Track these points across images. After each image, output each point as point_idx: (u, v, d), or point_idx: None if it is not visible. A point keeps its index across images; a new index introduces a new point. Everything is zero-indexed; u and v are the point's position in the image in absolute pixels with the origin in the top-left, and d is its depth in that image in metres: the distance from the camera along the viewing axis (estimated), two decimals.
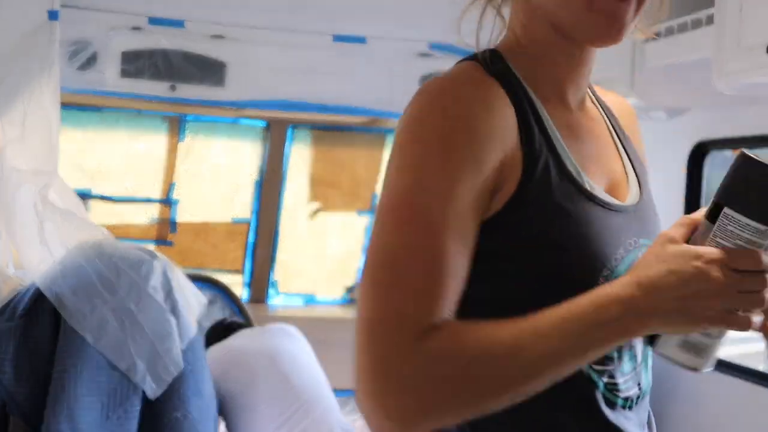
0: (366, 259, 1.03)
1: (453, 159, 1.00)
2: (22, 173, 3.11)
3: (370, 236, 1.04)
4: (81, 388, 2.89)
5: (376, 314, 1.00)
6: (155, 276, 2.99)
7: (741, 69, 2.28)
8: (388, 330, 0.98)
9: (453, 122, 1.03)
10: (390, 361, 0.98)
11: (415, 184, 1.00)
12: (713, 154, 3.31)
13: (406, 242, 0.99)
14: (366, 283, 1.01)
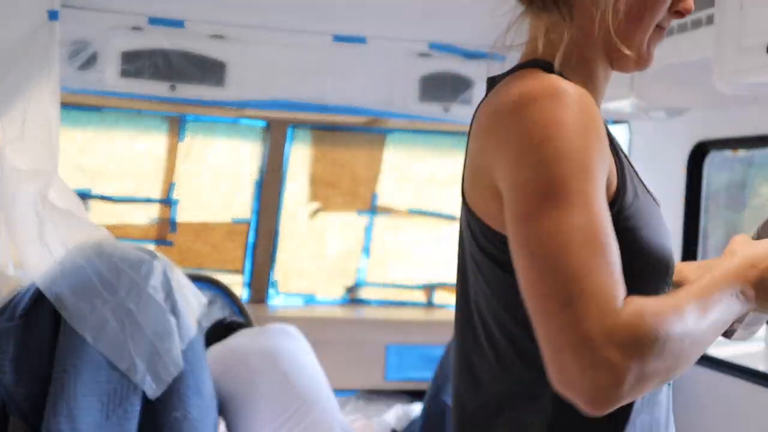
0: (534, 241, 1.04)
1: (593, 153, 1.08)
2: (22, 173, 3.11)
3: (528, 221, 1.06)
4: (81, 388, 2.88)
5: (575, 291, 1.00)
6: (155, 276, 2.99)
7: (741, 69, 2.28)
8: (593, 305, 0.99)
9: (587, 118, 1.10)
10: (604, 334, 0.98)
11: (571, 173, 1.05)
12: (713, 154, 3.31)
13: (583, 224, 1.03)
14: (549, 263, 1.02)
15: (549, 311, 1.01)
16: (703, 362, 3.18)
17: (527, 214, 1.06)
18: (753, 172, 4.26)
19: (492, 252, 1.18)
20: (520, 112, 1.11)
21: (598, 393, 0.98)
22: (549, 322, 1.01)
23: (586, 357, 0.97)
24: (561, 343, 0.99)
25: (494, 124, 1.15)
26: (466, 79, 4.02)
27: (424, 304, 4.84)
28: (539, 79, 1.15)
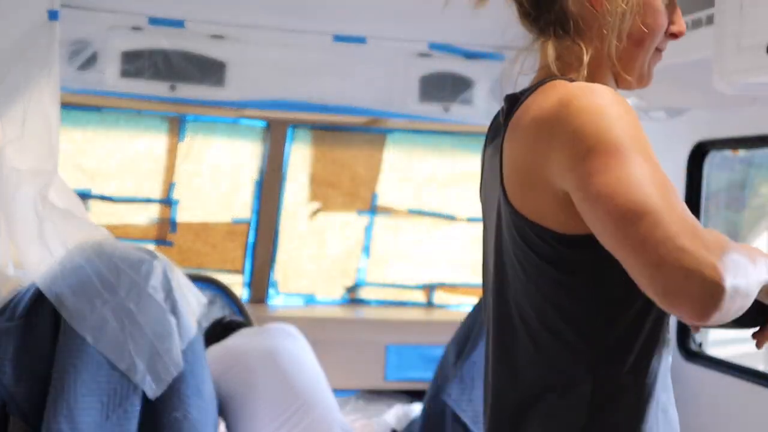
0: (608, 189, 1.13)
1: (640, 127, 1.21)
2: (22, 173, 3.11)
3: (598, 177, 1.15)
4: (81, 388, 2.89)
5: (664, 213, 1.09)
6: (155, 276, 2.99)
7: (741, 69, 2.28)
8: (684, 224, 1.09)
9: (626, 105, 1.23)
10: (698, 244, 1.07)
11: (627, 136, 1.17)
12: (713, 154, 3.31)
13: (650, 171, 1.14)
14: (628, 198, 1.11)
15: (641, 237, 1.08)
16: (703, 362, 3.18)
17: (597, 173, 1.14)
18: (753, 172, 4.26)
19: (542, 251, 1.26)
20: (567, 108, 1.21)
21: (705, 290, 1.05)
22: (643, 245, 1.07)
23: (688, 261, 1.05)
24: (660, 257, 1.06)
25: (544, 125, 1.24)
26: (466, 79, 4.02)
27: (424, 304, 4.84)
28: (574, 83, 1.27)
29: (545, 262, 1.27)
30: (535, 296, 1.29)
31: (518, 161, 1.29)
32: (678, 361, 3.27)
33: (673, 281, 1.06)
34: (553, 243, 1.25)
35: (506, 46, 4.10)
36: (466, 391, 3.23)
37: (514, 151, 1.29)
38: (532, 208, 1.26)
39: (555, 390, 1.30)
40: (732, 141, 3.10)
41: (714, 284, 1.05)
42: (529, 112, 1.28)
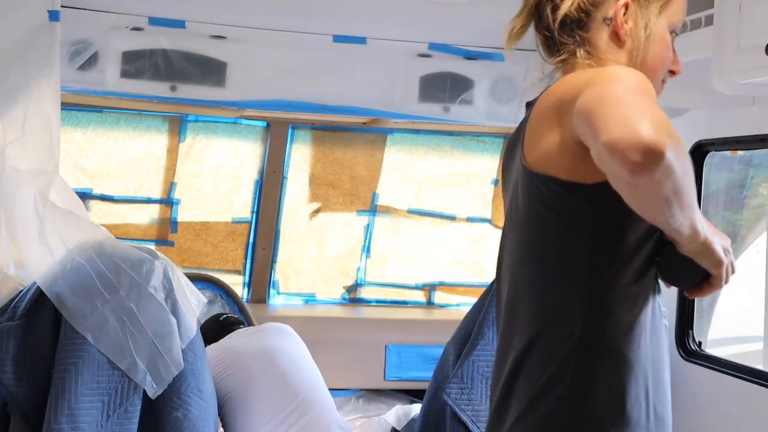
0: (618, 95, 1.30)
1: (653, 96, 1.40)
2: (22, 173, 3.11)
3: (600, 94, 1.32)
4: (82, 388, 2.89)
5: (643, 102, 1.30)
6: (156, 276, 2.99)
7: (740, 69, 2.28)
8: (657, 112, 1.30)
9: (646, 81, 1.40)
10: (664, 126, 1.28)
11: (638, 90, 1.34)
12: (712, 154, 3.31)
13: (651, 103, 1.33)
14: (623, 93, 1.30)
15: (615, 111, 1.25)
16: (703, 361, 3.19)
17: (604, 100, 1.28)
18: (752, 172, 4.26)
19: (546, 199, 1.43)
20: (595, 75, 1.39)
21: (648, 147, 1.22)
22: (614, 112, 1.24)
23: (645, 124, 1.22)
24: (625, 117, 1.23)
25: (571, 91, 1.39)
26: (466, 79, 4.02)
27: (424, 304, 4.84)
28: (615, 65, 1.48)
29: (548, 210, 1.43)
30: (538, 247, 1.47)
31: (537, 122, 1.47)
32: (677, 360, 3.27)
33: (627, 133, 1.21)
34: (556, 189, 1.42)
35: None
36: (466, 390, 3.23)
37: (535, 118, 1.48)
38: (542, 160, 1.43)
39: (548, 331, 1.46)
40: (731, 141, 3.10)
41: (658, 145, 1.21)
42: (559, 85, 1.48)
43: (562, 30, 1.60)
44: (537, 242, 1.48)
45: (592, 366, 1.44)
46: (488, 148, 4.72)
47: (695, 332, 3.28)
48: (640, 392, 1.47)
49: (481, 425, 3.21)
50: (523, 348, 1.50)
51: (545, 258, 1.47)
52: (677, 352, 3.27)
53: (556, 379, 1.45)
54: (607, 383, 1.44)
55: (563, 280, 1.45)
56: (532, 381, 1.48)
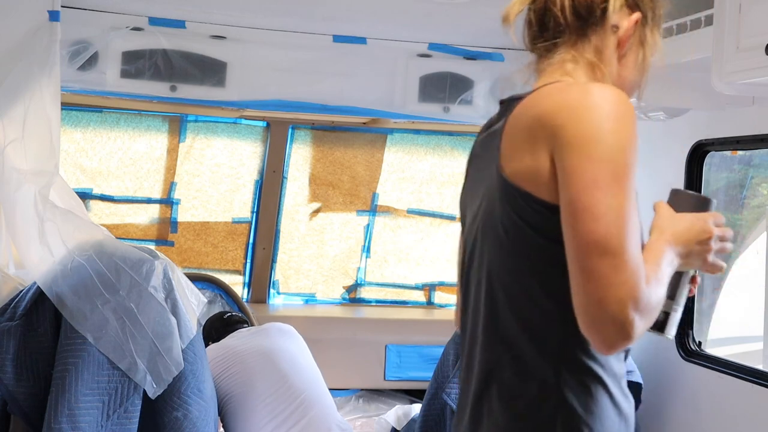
0: (602, 209, 1.35)
1: (636, 151, 1.45)
2: (23, 173, 3.11)
3: (597, 191, 1.36)
4: (82, 388, 2.89)
5: (627, 255, 1.34)
6: (156, 276, 2.99)
7: (740, 69, 2.28)
8: (634, 276, 1.33)
9: (633, 120, 1.46)
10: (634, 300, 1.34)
11: (627, 164, 1.41)
12: (712, 154, 3.31)
13: (631, 209, 1.38)
14: (615, 230, 1.34)
15: (599, 271, 1.32)
16: (703, 361, 3.19)
17: (597, 187, 1.35)
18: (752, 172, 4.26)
19: (530, 217, 1.42)
20: (589, 98, 1.41)
21: (617, 340, 1.34)
22: (597, 279, 1.31)
23: (619, 314, 1.31)
24: (603, 298, 1.31)
25: (566, 112, 1.40)
26: (465, 79, 4.02)
27: (424, 304, 4.84)
28: (598, 84, 1.47)
29: (531, 228, 1.43)
30: (517, 264, 1.46)
31: (514, 136, 1.47)
32: (677, 360, 3.27)
33: (600, 321, 1.32)
34: (539, 209, 1.41)
35: (506, 46, 4.12)
36: None
37: (513, 130, 1.47)
38: (524, 178, 1.43)
39: (525, 346, 1.46)
40: (731, 141, 3.11)
41: (627, 338, 1.33)
42: (541, 100, 1.46)
43: (575, 16, 1.58)
44: (519, 255, 1.46)
45: (568, 376, 1.44)
46: None
47: (695, 332, 3.29)
48: (607, 398, 1.47)
49: None
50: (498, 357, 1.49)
51: (525, 271, 1.46)
52: (677, 352, 3.27)
53: (533, 389, 1.45)
54: (581, 391, 1.44)
55: (542, 295, 1.45)
56: (508, 390, 1.47)
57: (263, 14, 3.66)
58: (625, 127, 1.42)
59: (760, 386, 2.87)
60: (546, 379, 1.43)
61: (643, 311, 1.33)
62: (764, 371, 3.03)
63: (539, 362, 1.44)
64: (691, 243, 1.53)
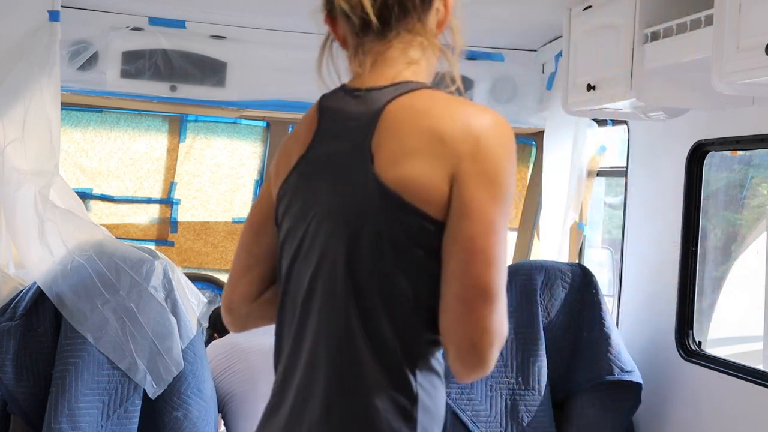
0: (495, 254, 1.38)
1: None
2: (23, 173, 3.11)
3: (495, 233, 1.39)
4: (82, 388, 2.89)
5: (503, 301, 1.40)
6: (156, 276, 3.00)
7: (740, 69, 2.28)
8: (502, 314, 1.40)
9: None
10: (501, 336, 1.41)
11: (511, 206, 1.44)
12: (712, 154, 3.31)
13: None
14: (499, 278, 1.39)
15: (480, 312, 1.37)
16: (703, 361, 3.19)
17: (491, 231, 1.38)
18: (752, 172, 4.27)
19: (410, 230, 1.40)
20: (501, 144, 1.42)
21: (478, 373, 1.41)
22: (477, 320, 1.37)
23: (485, 356, 1.39)
24: (477, 341, 1.37)
25: (474, 143, 1.41)
26: (466, 79, 4.02)
27: None
28: (496, 115, 1.47)
29: (409, 239, 1.39)
30: (388, 269, 1.40)
31: (394, 139, 1.43)
32: (677, 360, 3.27)
33: (469, 358, 1.38)
34: (423, 223, 1.39)
35: (506, 46, 4.12)
36: (466, 391, 3.23)
37: (390, 132, 1.43)
38: (414, 191, 1.39)
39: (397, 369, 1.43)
40: (731, 141, 3.11)
41: (486, 372, 1.40)
42: (435, 111, 1.46)
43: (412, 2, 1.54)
44: (392, 262, 1.41)
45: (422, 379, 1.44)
46: None
47: (695, 332, 3.29)
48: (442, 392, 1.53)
49: (481, 425, 3.22)
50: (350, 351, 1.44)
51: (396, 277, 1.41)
52: (677, 352, 3.27)
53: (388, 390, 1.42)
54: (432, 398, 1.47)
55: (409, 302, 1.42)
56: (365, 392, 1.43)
57: (263, 14, 3.66)
58: (515, 168, 1.43)
59: (760, 386, 2.87)
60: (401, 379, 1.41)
61: (501, 342, 1.41)
62: (764, 371, 3.03)
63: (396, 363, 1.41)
64: None
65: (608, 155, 4.02)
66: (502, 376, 3.27)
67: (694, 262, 3.27)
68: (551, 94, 3.91)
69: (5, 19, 3.20)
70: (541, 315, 3.31)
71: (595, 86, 3.02)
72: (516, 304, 3.31)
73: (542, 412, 3.26)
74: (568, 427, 3.34)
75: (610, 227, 4.45)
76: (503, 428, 3.23)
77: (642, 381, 3.26)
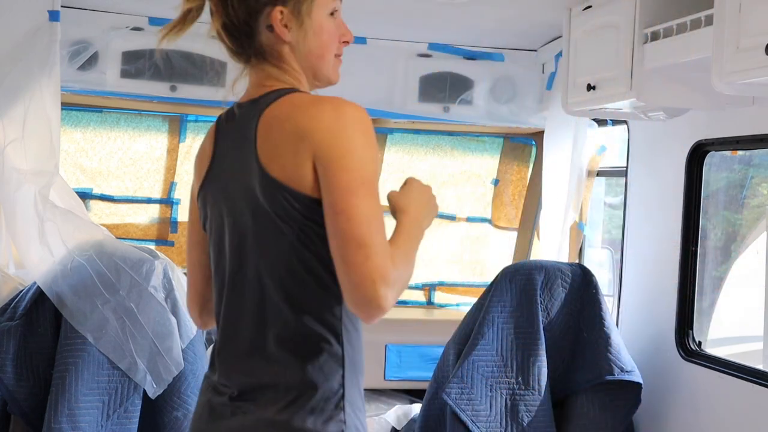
0: (355, 211, 1.65)
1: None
2: (23, 173, 3.11)
3: (353, 196, 1.66)
4: (82, 388, 2.89)
5: (374, 248, 1.63)
6: (156, 276, 3.00)
7: (740, 69, 2.28)
8: (382, 258, 1.63)
9: (375, 141, 1.77)
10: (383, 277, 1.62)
11: (375, 173, 1.72)
12: (712, 153, 3.31)
13: (379, 209, 1.71)
14: (366, 227, 1.64)
15: (356, 260, 1.60)
16: (702, 361, 3.19)
17: (351, 194, 1.65)
18: (752, 172, 4.27)
19: (295, 212, 1.69)
20: (342, 117, 1.70)
21: (374, 312, 1.61)
22: (354, 267, 1.60)
23: (372, 292, 1.59)
24: (360, 282, 1.59)
25: (324, 132, 1.68)
26: (465, 79, 4.02)
27: (424, 304, 4.84)
28: (345, 103, 1.74)
29: (301, 216, 1.68)
30: (296, 247, 1.70)
31: (272, 136, 1.72)
32: (677, 360, 3.27)
33: (360, 300, 1.60)
34: (307, 202, 1.68)
35: (506, 46, 4.12)
36: (466, 390, 3.23)
37: (269, 128, 1.73)
38: (294, 179, 1.68)
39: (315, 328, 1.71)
40: (731, 141, 3.11)
41: (380, 309, 1.60)
42: (295, 112, 1.73)
43: (236, 38, 1.88)
44: (293, 242, 1.70)
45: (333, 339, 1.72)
46: (488, 148, 4.72)
47: (695, 332, 3.29)
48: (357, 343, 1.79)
49: (481, 425, 3.22)
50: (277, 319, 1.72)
51: (304, 258, 1.71)
52: (677, 351, 3.27)
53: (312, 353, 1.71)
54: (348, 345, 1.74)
55: (306, 272, 1.71)
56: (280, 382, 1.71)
57: None
58: (369, 141, 1.70)
59: (760, 386, 2.87)
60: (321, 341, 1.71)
61: (393, 285, 1.61)
62: (764, 371, 3.03)
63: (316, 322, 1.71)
64: (431, 202, 1.91)
65: (608, 155, 4.02)
66: (502, 376, 3.27)
67: (694, 262, 3.27)
68: (551, 94, 3.91)
69: (5, 19, 3.20)
70: (541, 315, 3.31)
71: (595, 86, 3.02)
72: (516, 303, 3.31)
73: (542, 412, 3.26)
74: (568, 427, 3.34)
75: (610, 227, 4.45)
76: (503, 428, 3.23)
77: (642, 381, 3.26)
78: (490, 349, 3.28)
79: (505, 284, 3.33)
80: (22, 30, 3.19)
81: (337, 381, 1.72)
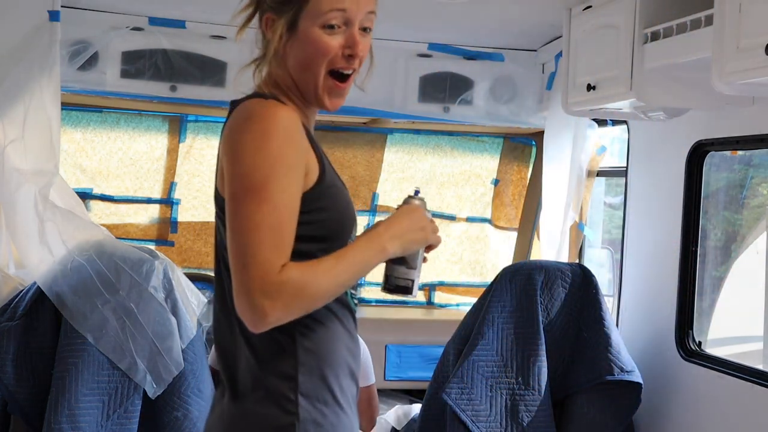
0: (237, 219, 1.63)
1: (287, 160, 1.66)
2: (23, 173, 3.11)
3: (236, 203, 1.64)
4: (82, 388, 2.89)
5: (250, 258, 1.60)
6: (156, 276, 3.00)
7: (740, 69, 2.28)
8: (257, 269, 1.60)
9: (287, 132, 1.69)
10: (260, 289, 1.59)
11: (267, 175, 1.63)
12: (712, 154, 3.31)
13: (266, 212, 1.62)
14: (241, 238, 1.62)
15: (236, 267, 1.60)
16: (703, 361, 3.19)
17: (236, 198, 1.63)
18: (752, 172, 4.27)
19: (222, 214, 1.70)
20: (247, 125, 1.68)
21: (256, 323, 1.59)
22: (235, 273, 1.60)
23: (249, 301, 1.57)
24: (238, 288, 1.59)
25: (232, 132, 1.70)
26: (465, 79, 4.02)
27: (424, 304, 4.84)
28: (261, 103, 1.73)
29: (222, 222, 1.70)
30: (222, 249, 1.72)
31: (221, 154, 1.74)
32: (677, 360, 3.27)
33: (239, 307, 1.59)
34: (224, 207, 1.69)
35: (506, 46, 4.12)
36: (466, 390, 3.23)
37: (222, 146, 1.74)
38: (221, 182, 1.72)
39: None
40: (731, 141, 3.11)
41: (262, 318, 1.57)
42: (232, 118, 1.74)
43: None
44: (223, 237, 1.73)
45: None
46: (488, 148, 4.72)
47: (695, 332, 3.29)
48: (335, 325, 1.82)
49: (481, 425, 3.22)
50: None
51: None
52: (677, 352, 3.27)
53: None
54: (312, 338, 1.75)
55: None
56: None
57: None
58: (266, 144, 1.64)
59: (760, 386, 2.87)
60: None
61: (281, 296, 1.57)
62: (764, 371, 3.03)
63: None
64: (413, 230, 1.81)
65: (608, 155, 4.02)
66: (502, 376, 3.27)
67: (694, 262, 3.27)
68: (551, 94, 3.91)
69: (5, 19, 3.20)
70: (541, 315, 3.31)
71: (595, 86, 3.02)
72: (516, 304, 3.31)
73: (542, 412, 3.26)
74: (568, 427, 3.34)
75: (610, 227, 4.45)
76: (503, 428, 3.23)
77: (642, 381, 3.26)
78: (490, 349, 3.28)
79: (505, 284, 3.33)
80: (22, 30, 3.19)
81: (286, 372, 1.69)
